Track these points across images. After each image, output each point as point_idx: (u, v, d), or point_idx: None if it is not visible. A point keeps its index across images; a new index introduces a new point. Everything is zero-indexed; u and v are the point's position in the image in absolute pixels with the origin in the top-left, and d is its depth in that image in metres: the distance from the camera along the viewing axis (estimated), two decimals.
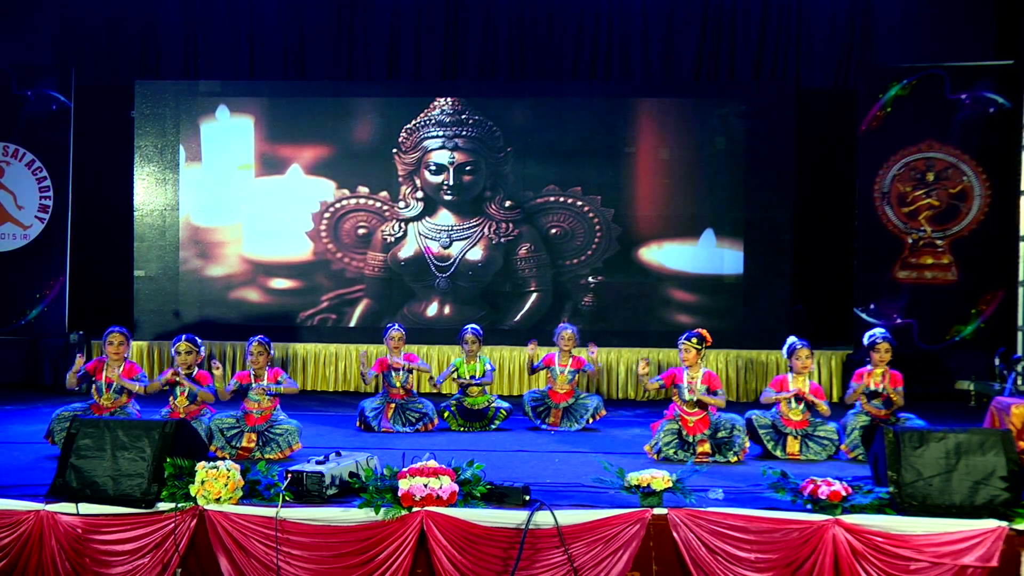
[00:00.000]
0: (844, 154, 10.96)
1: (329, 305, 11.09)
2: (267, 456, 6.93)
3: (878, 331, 7.45)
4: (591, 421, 8.39)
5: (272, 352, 7.48)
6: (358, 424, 8.29)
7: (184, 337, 7.30)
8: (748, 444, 7.08)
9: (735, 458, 6.95)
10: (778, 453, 7.08)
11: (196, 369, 7.28)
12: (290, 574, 5.18)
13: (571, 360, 8.48)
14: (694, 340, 7.15)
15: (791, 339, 7.47)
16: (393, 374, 8.34)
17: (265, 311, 11.11)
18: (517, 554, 5.07)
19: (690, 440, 6.96)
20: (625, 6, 11.44)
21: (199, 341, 7.35)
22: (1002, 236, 10.37)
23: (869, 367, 7.35)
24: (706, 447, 6.94)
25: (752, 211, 10.83)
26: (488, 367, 8.57)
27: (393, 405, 8.27)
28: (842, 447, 7.18)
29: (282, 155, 11.14)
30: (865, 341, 7.44)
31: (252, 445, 7.04)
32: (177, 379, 7.14)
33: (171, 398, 7.24)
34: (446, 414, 8.38)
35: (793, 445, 7.10)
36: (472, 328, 8.69)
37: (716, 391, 7.10)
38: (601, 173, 10.94)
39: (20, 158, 10.94)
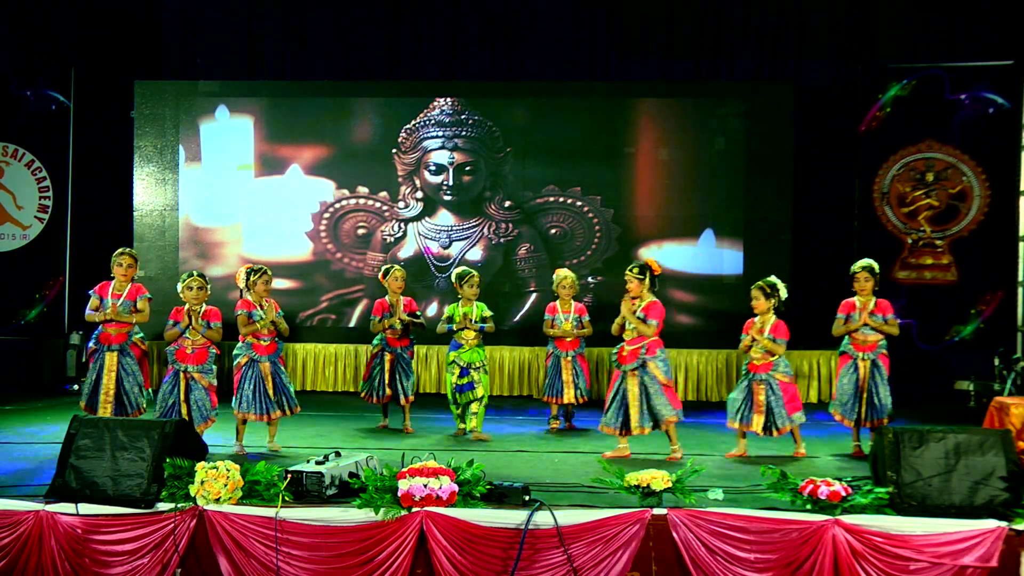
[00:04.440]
0: (844, 154, 10.96)
1: (329, 305, 11.09)
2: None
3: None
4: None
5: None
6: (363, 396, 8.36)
7: (195, 272, 7.26)
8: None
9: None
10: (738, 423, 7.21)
11: (204, 306, 7.22)
12: (290, 574, 5.18)
13: (573, 306, 8.43)
14: (635, 271, 7.15)
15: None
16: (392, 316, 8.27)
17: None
18: (517, 554, 5.07)
19: (624, 369, 7.05)
20: (625, 6, 11.44)
21: (207, 277, 7.35)
22: (1002, 236, 10.38)
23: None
24: (635, 381, 7.03)
25: (752, 211, 10.83)
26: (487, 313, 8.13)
27: (391, 356, 8.20)
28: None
29: (282, 155, 11.14)
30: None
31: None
32: (192, 323, 7.09)
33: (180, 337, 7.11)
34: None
35: (759, 392, 7.15)
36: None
37: (649, 320, 7.04)
38: (601, 173, 10.94)
39: (20, 158, 10.95)
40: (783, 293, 7.24)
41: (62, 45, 11.70)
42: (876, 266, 7.56)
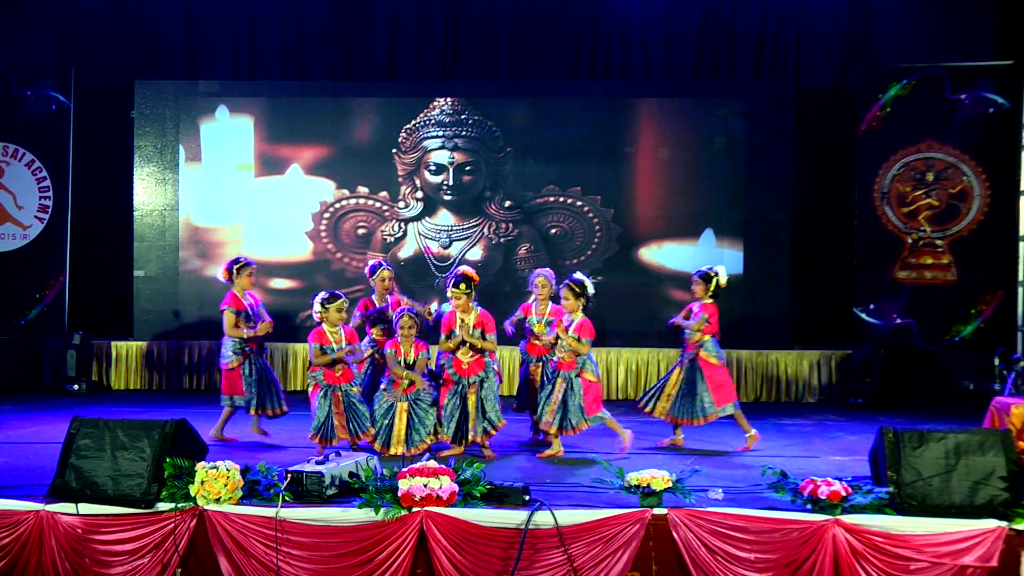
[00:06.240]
0: (844, 154, 10.95)
1: None
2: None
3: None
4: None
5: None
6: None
7: (331, 293, 7.19)
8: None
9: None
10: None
11: (342, 328, 7.19)
12: (290, 574, 5.18)
13: (549, 308, 7.66)
14: (462, 286, 7.08)
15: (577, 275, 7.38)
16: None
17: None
18: (517, 554, 5.07)
19: (464, 382, 7.04)
20: (625, 6, 11.44)
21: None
22: (1002, 236, 10.36)
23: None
24: (474, 393, 7.01)
25: (752, 211, 10.83)
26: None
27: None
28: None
29: (282, 155, 11.14)
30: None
31: (403, 422, 7.02)
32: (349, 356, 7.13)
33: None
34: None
35: (559, 389, 7.13)
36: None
37: (488, 335, 7.09)
38: (601, 173, 10.94)
39: (20, 158, 10.94)
40: (590, 291, 7.24)
41: (62, 45, 11.70)
42: (713, 273, 7.63)
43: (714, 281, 7.62)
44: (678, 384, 7.62)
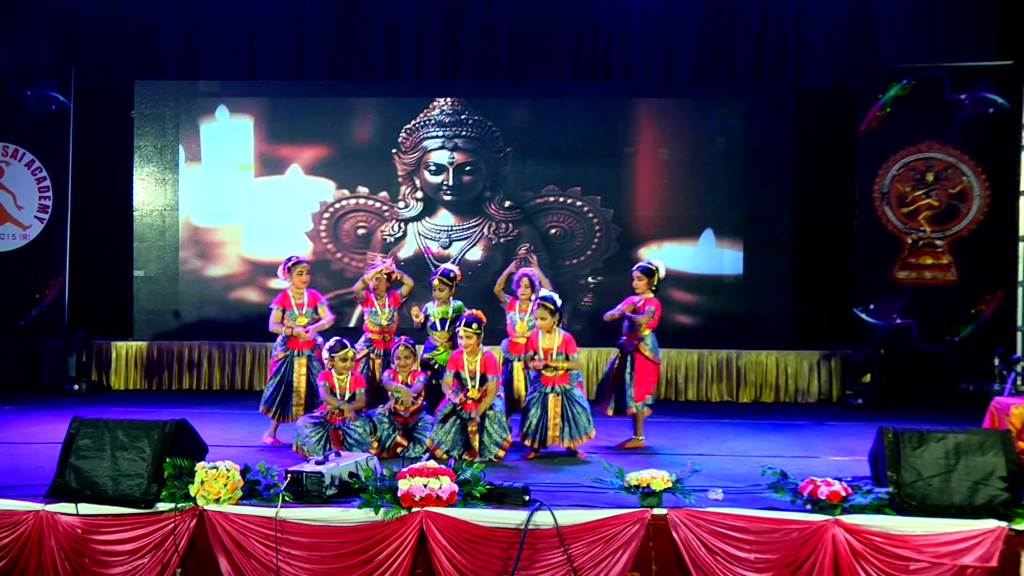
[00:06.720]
0: (844, 154, 10.96)
1: (329, 305, 11.06)
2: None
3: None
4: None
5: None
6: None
7: (339, 342, 7.08)
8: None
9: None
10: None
11: (350, 375, 7.09)
12: (290, 574, 5.18)
13: (531, 306, 7.60)
14: (474, 327, 6.99)
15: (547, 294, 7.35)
16: (377, 310, 7.90)
17: (265, 311, 11.04)
18: (517, 554, 5.07)
19: (465, 416, 6.92)
20: (625, 6, 11.45)
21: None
22: (1002, 236, 10.36)
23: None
24: (475, 426, 6.90)
25: (752, 211, 10.83)
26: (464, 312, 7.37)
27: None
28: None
29: (282, 155, 11.14)
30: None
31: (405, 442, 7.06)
32: (347, 413, 6.92)
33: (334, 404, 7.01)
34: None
35: (556, 405, 7.07)
36: (444, 268, 8.04)
37: (490, 377, 6.98)
38: (601, 173, 10.95)
39: (20, 158, 10.94)
40: (559, 304, 7.23)
41: (62, 45, 11.70)
42: (654, 267, 7.66)
43: (655, 275, 7.64)
44: (617, 377, 7.64)
